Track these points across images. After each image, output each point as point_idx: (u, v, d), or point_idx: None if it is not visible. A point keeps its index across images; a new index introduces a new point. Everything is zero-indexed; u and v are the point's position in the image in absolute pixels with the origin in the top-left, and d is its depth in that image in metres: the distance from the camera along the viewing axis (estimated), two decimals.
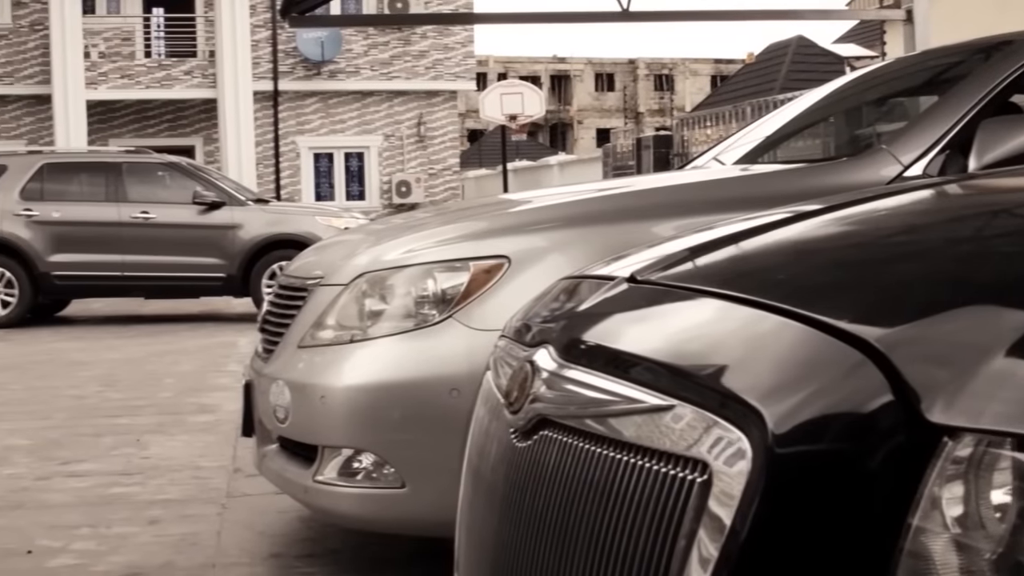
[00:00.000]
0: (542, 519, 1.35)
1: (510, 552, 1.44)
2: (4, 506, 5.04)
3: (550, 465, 1.35)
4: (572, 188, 4.30)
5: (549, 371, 1.44)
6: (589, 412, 1.32)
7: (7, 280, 14.23)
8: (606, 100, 74.22)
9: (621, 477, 1.21)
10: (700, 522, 1.09)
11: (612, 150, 26.49)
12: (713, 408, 1.14)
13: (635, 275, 1.55)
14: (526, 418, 1.44)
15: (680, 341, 1.31)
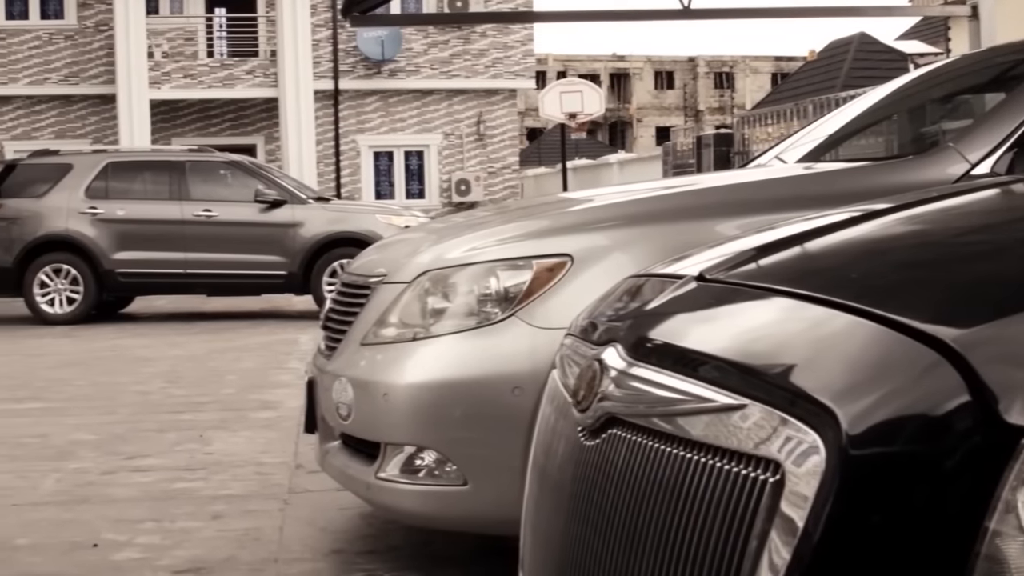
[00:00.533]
0: (610, 518, 1.34)
1: (577, 551, 1.44)
2: (70, 500, 5.10)
3: (618, 464, 1.35)
4: (633, 187, 4.29)
5: (617, 369, 1.43)
6: (658, 411, 1.31)
7: (72, 277, 14.41)
8: (666, 98, 73.94)
9: (691, 476, 1.20)
10: (772, 523, 1.08)
11: (672, 148, 26.40)
12: (784, 407, 1.13)
13: (704, 274, 1.54)
14: (594, 417, 1.44)
15: (750, 340, 1.30)
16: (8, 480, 5.50)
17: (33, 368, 9.96)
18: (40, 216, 14.47)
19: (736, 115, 36.99)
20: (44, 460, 5.96)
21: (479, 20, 26.80)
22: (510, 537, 3.66)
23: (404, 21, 24.40)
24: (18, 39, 25.89)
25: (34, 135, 25.52)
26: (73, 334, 13.04)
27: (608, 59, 73.47)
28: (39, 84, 25.92)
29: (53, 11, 26.38)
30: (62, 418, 7.25)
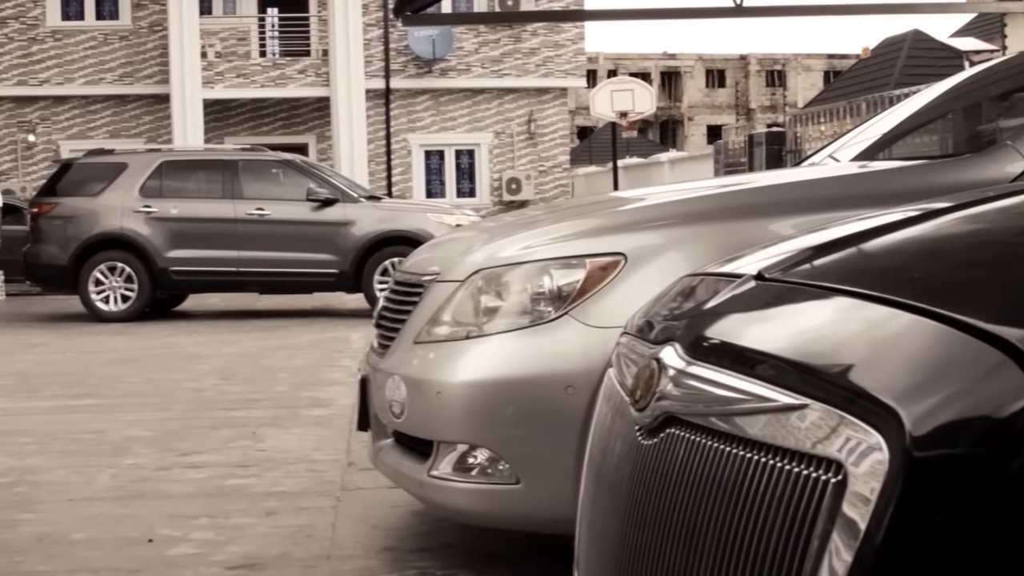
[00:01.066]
0: (668, 518, 1.34)
1: (633, 550, 1.43)
2: (126, 495, 5.15)
3: (677, 463, 1.34)
4: (686, 185, 4.27)
5: (676, 368, 1.43)
6: (717, 410, 1.31)
7: (127, 275, 14.55)
8: (717, 96, 73.63)
9: (750, 476, 1.20)
10: (834, 524, 1.07)
11: (723, 147, 26.30)
12: (845, 407, 1.12)
13: (762, 272, 1.53)
14: (652, 416, 1.43)
15: (810, 339, 1.29)
16: (64, 475, 5.56)
17: (88, 365, 10.07)
18: (95, 215, 14.62)
19: (788, 113, 36.78)
20: (100, 456, 6.02)
21: (530, 19, 26.79)
22: (561, 535, 3.67)
23: (455, 20, 24.45)
24: (74, 40, 26.17)
25: (89, 135, 25.79)
26: (127, 331, 13.16)
27: (659, 57, 73.23)
28: (94, 84, 26.19)
29: (108, 12, 26.64)
30: (117, 414, 7.32)
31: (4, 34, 26.02)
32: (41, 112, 26.20)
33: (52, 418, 7.24)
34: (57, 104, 26.25)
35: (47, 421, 7.11)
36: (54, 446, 6.32)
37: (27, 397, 8.25)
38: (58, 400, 8.08)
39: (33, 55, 26.10)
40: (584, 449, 3.17)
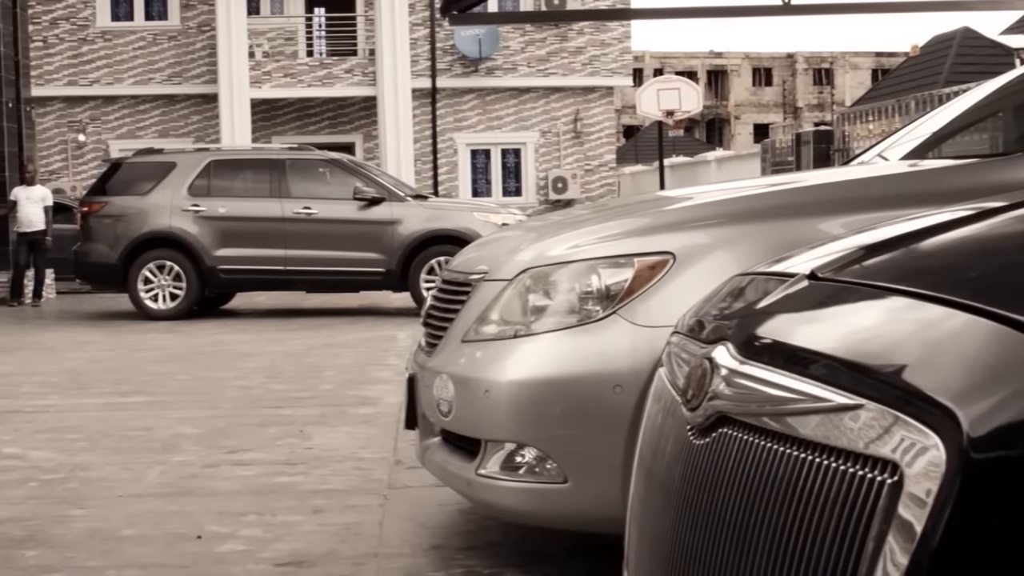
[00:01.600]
0: (720, 518, 1.33)
1: (684, 551, 1.43)
2: (175, 492, 5.19)
3: (729, 463, 1.33)
4: (734, 184, 4.25)
5: (728, 368, 1.42)
6: (770, 409, 1.30)
7: (175, 273, 14.66)
8: (764, 95, 73.22)
9: (804, 476, 1.19)
10: (889, 525, 1.06)
11: (771, 146, 26.13)
12: (900, 407, 1.11)
13: (816, 272, 1.52)
14: (704, 415, 1.43)
15: (864, 339, 1.28)
16: (114, 472, 5.62)
17: (137, 362, 10.15)
18: (144, 213, 14.74)
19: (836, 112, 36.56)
20: (149, 452, 6.07)
21: (576, 18, 26.76)
22: (609, 535, 3.67)
23: (502, 19, 24.46)
24: (123, 40, 26.40)
25: (138, 134, 26.01)
26: (176, 329, 13.26)
27: (705, 56, 72.93)
28: (143, 84, 26.40)
29: (157, 12, 26.84)
30: (166, 412, 7.38)
31: (55, 35, 26.28)
32: (91, 112, 26.45)
33: (102, 415, 7.30)
34: (107, 104, 26.49)
35: (97, 418, 7.17)
36: (104, 443, 6.38)
37: (77, 394, 8.33)
38: (108, 397, 8.15)
39: (83, 55, 26.35)
40: (632, 448, 3.16)
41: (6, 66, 19.21)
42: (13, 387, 8.73)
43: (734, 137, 69.85)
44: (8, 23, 19.33)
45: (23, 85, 19.97)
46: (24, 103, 20.00)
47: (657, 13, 16.53)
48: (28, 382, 9.00)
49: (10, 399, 8.14)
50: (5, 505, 4.95)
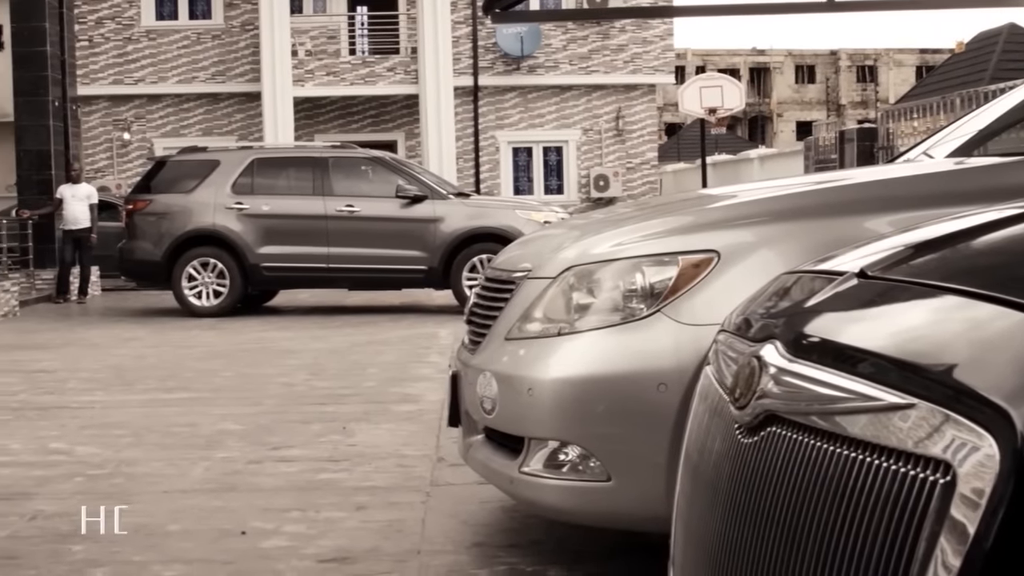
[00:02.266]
0: (768, 517, 1.32)
1: (732, 550, 1.42)
2: (219, 488, 5.22)
3: (777, 462, 1.33)
4: (778, 182, 4.22)
5: (777, 366, 1.41)
6: (819, 408, 1.29)
7: (219, 271, 14.73)
8: (807, 92, 72.81)
9: (853, 475, 1.18)
10: (942, 526, 1.05)
11: (814, 143, 25.97)
12: (952, 407, 1.10)
13: (865, 270, 1.51)
14: (753, 414, 1.42)
15: (915, 337, 1.27)
16: (159, 467, 5.66)
17: (182, 359, 10.22)
18: (188, 211, 14.82)
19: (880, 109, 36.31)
20: (193, 448, 6.11)
21: (619, 15, 26.71)
22: (652, 533, 3.66)
23: (544, 17, 24.45)
24: (167, 39, 26.58)
25: (182, 132, 26.18)
26: (219, 326, 13.34)
27: (748, 53, 72.61)
28: (187, 83, 26.57)
29: (201, 11, 27.01)
30: (210, 408, 7.42)
31: (100, 34, 26.50)
32: (136, 110, 26.66)
33: (147, 411, 7.36)
34: (151, 102, 26.68)
35: (142, 414, 7.23)
36: (149, 439, 6.43)
37: (122, 390, 8.40)
38: (152, 393, 8.21)
39: (128, 54, 26.56)
40: (676, 447, 3.15)
41: (52, 65, 19.39)
42: (59, 383, 8.82)
43: (776, 135, 69.52)
44: (54, 23, 19.50)
45: (69, 84, 20.15)
46: (70, 102, 20.18)
47: (700, 11, 16.44)
48: (74, 378, 9.09)
49: (56, 395, 8.22)
50: (52, 499, 5.00)
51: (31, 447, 6.26)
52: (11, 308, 15.60)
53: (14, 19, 19.35)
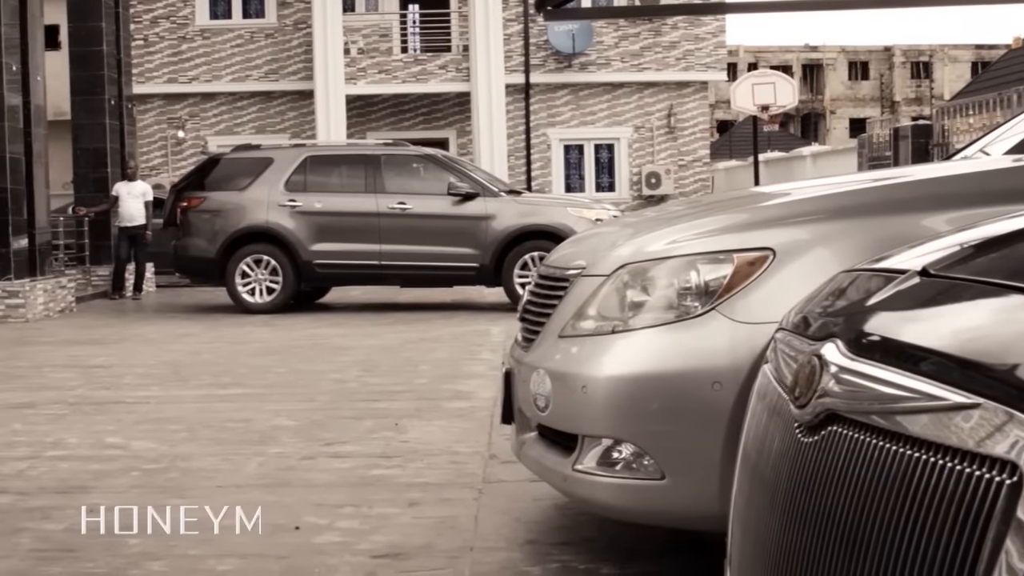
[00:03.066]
0: (829, 517, 1.31)
1: (791, 550, 1.41)
2: (273, 483, 5.26)
3: (838, 462, 1.32)
4: (833, 180, 4.19)
5: (838, 365, 1.40)
6: (881, 408, 1.28)
7: (272, 268, 14.82)
8: (860, 89, 72.22)
9: (916, 475, 1.17)
10: (1008, 527, 1.04)
11: (868, 140, 25.78)
12: (1018, 406, 1.08)
13: (927, 268, 1.49)
14: (813, 413, 1.41)
15: (979, 336, 1.26)
16: (214, 463, 5.70)
17: (236, 355, 10.30)
18: (242, 208, 14.91)
19: (934, 106, 35.95)
20: (247, 444, 6.16)
21: (670, 12, 26.59)
22: (705, 531, 3.64)
23: (596, 15, 24.42)
24: (221, 38, 26.77)
25: (236, 130, 26.37)
26: (272, 323, 13.42)
27: (801, 50, 72.11)
28: (241, 81, 26.75)
29: (254, 10, 27.19)
30: (263, 404, 7.48)
31: (155, 33, 26.75)
32: (190, 109, 26.88)
33: (201, 406, 7.42)
34: (205, 101, 26.90)
35: (197, 409, 7.29)
36: (203, 434, 6.48)
37: (177, 386, 8.47)
38: (207, 389, 8.28)
39: (183, 53, 26.78)
40: (731, 445, 3.14)
41: (108, 64, 19.59)
42: (115, 378, 8.91)
43: (829, 132, 69.03)
44: (111, 22, 19.71)
45: (125, 83, 20.36)
46: (126, 100, 20.39)
47: (752, 7, 16.35)
48: (130, 373, 9.18)
49: (112, 390, 8.30)
50: (109, 493, 5.06)
51: (88, 441, 6.34)
52: (68, 304, 15.79)
53: (71, 19, 19.57)
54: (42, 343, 11.80)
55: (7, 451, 6.11)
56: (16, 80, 14.76)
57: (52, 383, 8.70)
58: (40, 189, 15.35)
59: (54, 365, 9.86)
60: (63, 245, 18.88)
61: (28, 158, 15.01)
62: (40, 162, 15.33)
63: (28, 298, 14.55)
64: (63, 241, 18.95)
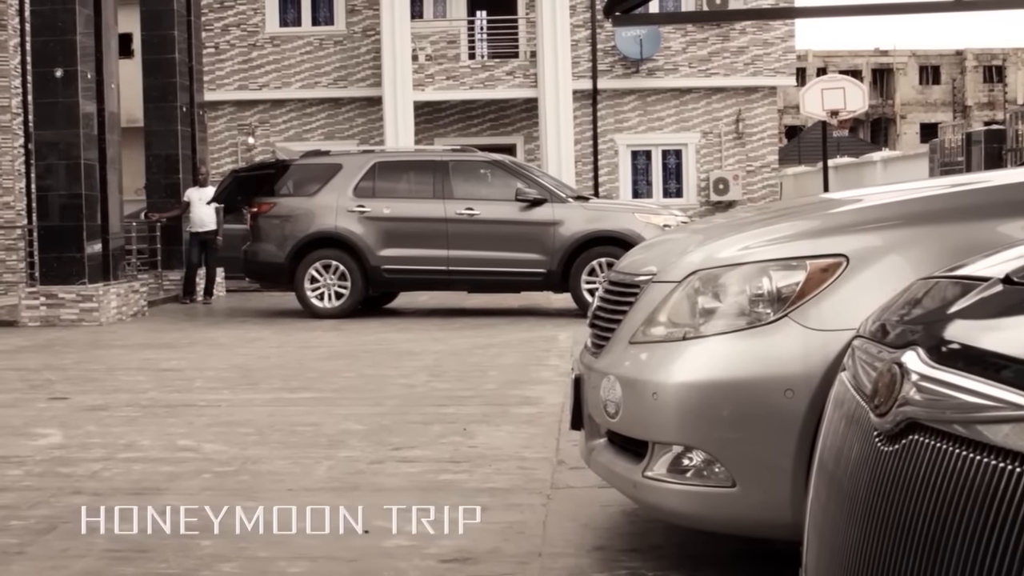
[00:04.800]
0: (908, 527, 1.30)
1: (870, 561, 1.39)
2: (342, 487, 5.29)
3: (919, 471, 1.30)
4: (906, 185, 4.14)
5: (919, 373, 1.38)
6: (963, 416, 1.26)
7: (341, 273, 14.91)
8: (931, 93, 71.39)
9: (1000, 486, 1.15)
10: None
11: (939, 146, 25.49)
12: None
13: (1011, 276, 1.47)
14: (894, 421, 1.39)
15: None
16: (284, 466, 5.75)
17: (304, 359, 10.37)
18: (311, 214, 15.02)
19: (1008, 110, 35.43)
20: (316, 448, 6.20)
21: (739, 17, 26.46)
22: (776, 540, 3.62)
23: (664, 20, 24.31)
24: (291, 45, 27.00)
25: (305, 136, 26.56)
26: (341, 327, 13.50)
27: (870, 54, 71.43)
28: (310, 88, 26.96)
29: (323, 18, 27.39)
30: (332, 408, 7.52)
31: (226, 41, 27.04)
32: (260, 115, 27.13)
33: (271, 410, 7.48)
34: (275, 107, 27.14)
35: (266, 413, 7.35)
36: (273, 437, 6.54)
37: (247, 389, 8.55)
38: (276, 393, 8.35)
39: (253, 60, 27.04)
40: (802, 453, 3.12)
41: (180, 72, 19.86)
42: (186, 382, 9.01)
43: (900, 137, 68.30)
44: (183, 31, 19.97)
45: (196, 90, 20.62)
46: (197, 107, 20.65)
47: (822, 11, 16.22)
48: (200, 377, 9.28)
49: (184, 393, 8.40)
50: (181, 495, 5.11)
51: (160, 443, 6.41)
52: (140, 308, 16.00)
53: (144, 28, 19.87)
54: (115, 346, 11.97)
55: (82, 452, 6.20)
56: (91, 88, 15.00)
57: (125, 386, 8.82)
58: (114, 195, 15.58)
59: (127, 368, 9.99)
60: (136, 250, 19.14)
61: (102, 164, 15.25)
62: (114, 168, 15.56)
63: (102, 302, 14.76)
64: (136, 246, 19.21)
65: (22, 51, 20.63)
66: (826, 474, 1.67)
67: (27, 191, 20.66)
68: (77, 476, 5.61)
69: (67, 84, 14.65)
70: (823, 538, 1.64)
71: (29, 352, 11.57)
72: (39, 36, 14.94)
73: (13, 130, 21.03)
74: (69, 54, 14.64)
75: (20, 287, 16.52)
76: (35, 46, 15.14)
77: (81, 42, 14.72)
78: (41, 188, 15.27)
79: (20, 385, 9.02)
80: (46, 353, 11.38)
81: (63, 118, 14.71)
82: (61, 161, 14.81)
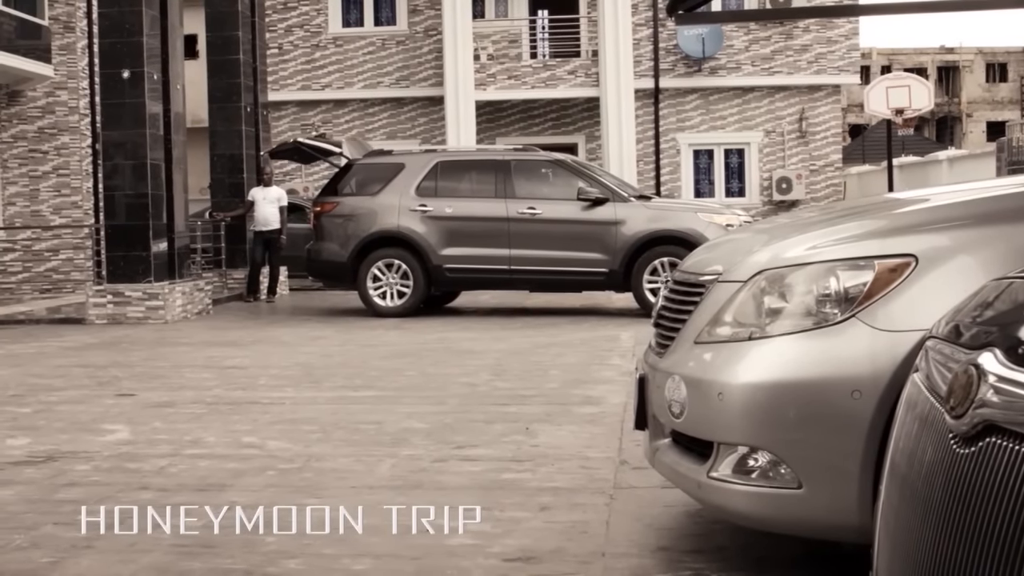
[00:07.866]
0: (985, 531, 1.28)
1: (944, 564, 1.38)
2: (404, 485, 5.30)
3: (997, 474, 1.28)
4: (975, 185, 4.08)
5: (997, 375, 1.36)
6: None
7: (403, 272, 14.96)
8: (998, 91, 70.43)
9: None
10: None
11: (1007, 144, 25.15)
12: None
13: None
14: (970, 424, 1.37)
15: None
16: (347, 464, 5.78)
17: (367, 358, 10.42)
18: (374, 213, 15.08)
19: None
20: (379, 446, 6.23)
21: (802, 15, 26.25)
22: (842, 542, 3.58)
23: (727, 18, 24.18)
24: (354, 45, 27.15)
25: (367, 136, 26.67)
26: (403, 326, 13.55)
27: (935, 51, 70.60)
28: (372, 88, 27.09)
29: (386, 18, 27.51)
30: (395, 406, 7.55)
31: (290, 42, 27.24)
32: (323, 115, 27.30)
33: (334, 408, 7.53)
34: (338, 107, 27.30)
35: (330, 411, 7.40)
36: (336, 435, 6.57)
37: (311, 387, 8.60)
38: (339, 391, 8.39)
39: (316, 61, 27.22)
40: (870, 455, 3.08)
41: (245, 73, 20.04)
42: (250, 379, 9.08)
43: (966, 136, 67.47)
44: (247, 32, 20.15)
45: (260, 90, 20.79)
46: (261, 107, 20.82)
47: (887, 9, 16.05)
48: (264, 375, 9.35)
49: (248, 391, 8.47)
50: (246, 492, 5.16)
51: (225, 440, 6.47)
52: (205, 306, 16.16)
53: (209, 29, 20.08)
54: (180, 344, 12.09)
55: (149, 448, 6.27)
56: (157, 89, 15.17)
57: (190, 383, 8.91)
58: (179, 194, 15.75)
59: (192, 365, 10.09)
60: (200, 249, 19.34)
61: (168, 164, 15.41)
62: (179, 168, 15.72)
63: (167, 300, 14.93)
64: (200, 245, 19.41)
65: (90, 53, 20.93)
66: (898, 476, 1.65)
67: (94, 191, 20.97)
68: (144, 472, 5.68)
69: (134, 85, 14.83)
70: (895, 542, 1.62)
71: (96, 349, 11.73)
72: (107, 38, 15.13)
73: (81, 131, 21.34)
74: (136, 55, 14.82)
75: (87, 285, 16.76)
76: (103, 48, 15.33)
77: (147, 43, 14.89)
78: (108, 188, 15.46)
79: (88, 382, 9.14)
80: (113, 350, 11.53)
81: (130, 119, 14.90)
82: (128, 161, 15.00)
